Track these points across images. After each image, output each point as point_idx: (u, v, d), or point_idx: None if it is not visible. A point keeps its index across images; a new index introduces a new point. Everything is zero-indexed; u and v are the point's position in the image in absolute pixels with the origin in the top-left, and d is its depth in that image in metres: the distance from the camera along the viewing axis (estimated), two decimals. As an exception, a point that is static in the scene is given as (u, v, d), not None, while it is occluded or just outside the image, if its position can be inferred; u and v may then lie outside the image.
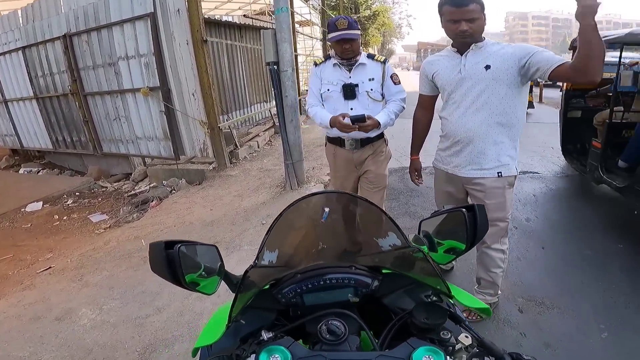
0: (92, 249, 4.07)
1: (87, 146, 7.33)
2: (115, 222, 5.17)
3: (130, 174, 7.01)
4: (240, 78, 7.73)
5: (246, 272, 0.86)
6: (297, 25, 16.27)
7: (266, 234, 0.94)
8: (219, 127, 5.37)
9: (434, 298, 0.85)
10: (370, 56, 2.34)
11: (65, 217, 5.71)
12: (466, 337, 0.70)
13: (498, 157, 1.86)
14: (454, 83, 1.86)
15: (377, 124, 2.14)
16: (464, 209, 0.86)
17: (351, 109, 2.28)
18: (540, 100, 12.19)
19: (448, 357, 0.63)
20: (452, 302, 0.87)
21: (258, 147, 6.96)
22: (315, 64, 2.44)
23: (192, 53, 5.09)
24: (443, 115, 1.99)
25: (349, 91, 2.27)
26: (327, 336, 0.70)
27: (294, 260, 1.00)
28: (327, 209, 1.03)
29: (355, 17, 11.45)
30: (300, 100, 9.51)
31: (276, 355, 0.65)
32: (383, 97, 2.34)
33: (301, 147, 4.40)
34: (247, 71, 7.92)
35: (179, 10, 5.06)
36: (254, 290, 0.84)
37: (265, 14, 13.99)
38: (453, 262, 2.61)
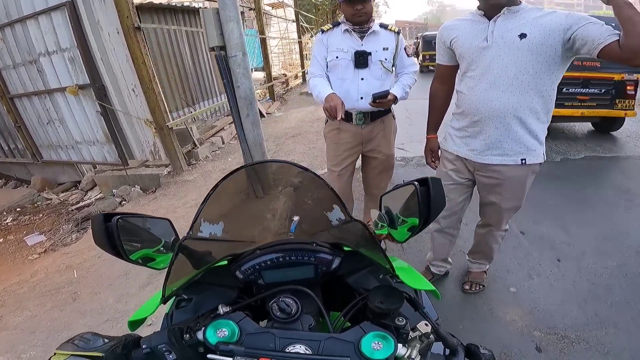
0: (17, 282, 3.49)
1: (25, 154, 6.45)
2: (52, 244, 4.44)
3: (80, 181, 6.19)
4: (204, 66, 7.12)
5: (180, 243, 0.81)
6: (269, 8, 15.64)
7: (202, 203, 0.87)
8: (168, 125, 4.56)
9: (392, 279, 0.83)
10: (383, 25, 2.18)
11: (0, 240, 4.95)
12: (425, 324, 0.67)
13: (525, 141, 1.65)
14: (476, 52, 1.61)
15: (395, 99, 2.07)
16: (416, 182, 0.79)
17: (362, 78, 2.13)
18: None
19: (400, 345, 0.62)
20: (407, 291, 0.77)
21: (223, 143, 6.15)
22: (322, 31, 2.24)
23: (125, 43, 4.25)
24: (460, 89, 1.75)
25: (361, 59, 2.10)
26: (278, 314, 0.69)
27: (248, 234, 0.96)
28: (295, 219, 0.99)
29: None
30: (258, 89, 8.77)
31: (224, 329, 0.64)
32: (394, 69, 2.22)
33: (263, 146, 3.66)
34: (212, 58, 7.21)
35: (103, -6, 4.21)
36: (205, 266, 0.79)
37: None
38: (447, 266, 2.45)
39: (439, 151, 2.05)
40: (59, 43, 4.86)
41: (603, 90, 4.80)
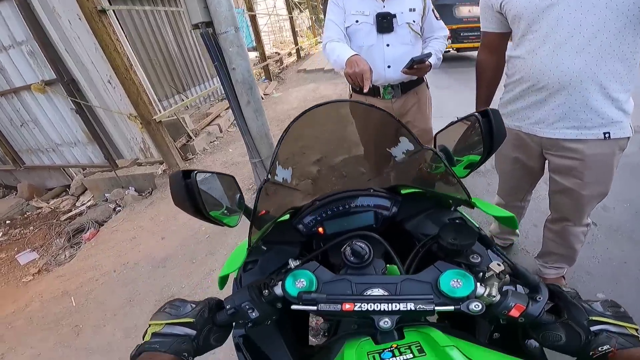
0: (12, 312, 3.15)
1: (6, 160, 5.91)
2: (46, 264, 4.05)
3: (69, 185, 5.72)
4: (190, 49, 6.57)
5: (260, 187, 0.81)
6: None
7: (276, 146, 0.88)
8: (156, 119, 3.97)
9: (458, 222, 0.80)
10: None
11: (-10, 259, 4.53)
12: (498, 264, 0.63)
13: (608, 111, 1.35)
14: (537, 10, 1.34)
15: (430, 66, 1.85)
16: (477, 114, 0.78)
17: (387, 45, 1.90)
18: None
19: (478, 284, 0.59)
20: (478, 227, 0.81)
21: (220, 131, 5.57)
22: None
23: (90, 30, 3.61)
24: (516, 54, 1.47)
25: (385, 22, 1.85)
26: (352, 258, 0.67)
27: (309, 183, 0.96)
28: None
29: None
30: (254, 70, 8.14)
31: (301, 280, 0.64)
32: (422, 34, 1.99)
33: (270, 136, 3.11)
34: (198, 38, 6.62)
35: (55, -22, 3.54)
36: (273, 218, 0.81)
37: None
38: (513, 238, 2.27)
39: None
40: (13, 36, 4.25)
41: None
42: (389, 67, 1.92)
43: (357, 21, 1.89)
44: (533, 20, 1.37)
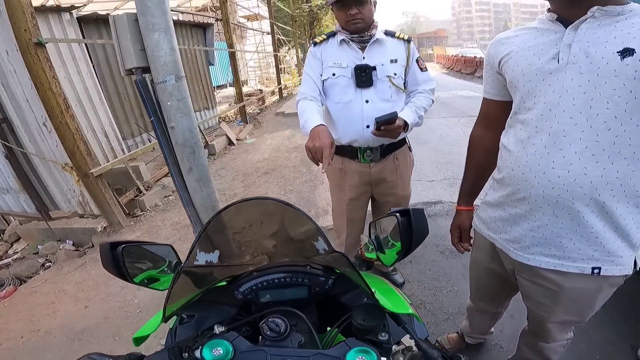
0: None
1: None
2: None
3: (4, 230, 4.98)
4: None
5: (177, 271, 0.85)
6: (244, 20, 14.94)
7: (197, 237, 0.92)
8: (93, 172, 3.36)
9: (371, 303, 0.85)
10: (389, 33, 1.77)
11: None
12: (410, 338, 0.71)
13: (604, 242, 0.99)
14: (537, 78, 1.00)
15: (405, 126, 1.59)
16: (397, 214, 0.83)
17: (366, 101, 1.69)
18: None
19: (384, 359, 0.65)
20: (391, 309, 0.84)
21: (179, 183, 4.97)
22: (315, 43, 1.83)
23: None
24: (505, 143, 1.14)
25: (364, 76, 1.66)
26: (268, 332, 0.73)
27: (243, 260, 1.01)
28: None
29: (307, 7, 10.13)
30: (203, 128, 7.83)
31: (219, 349, 0.68)
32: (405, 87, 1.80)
33: (218, 207, 2.53)
34: None
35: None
36: (205, 287, 0.85)
37: (207, 10, 12.28)
38: (485, 337, 1.94)
39: (471, 230, 1.44)
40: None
41: None
42: (367, 126, 1.70)
43: (334, 74, 1.72)
44: (529, 92, 1.03)
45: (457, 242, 1.49)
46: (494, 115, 1.27)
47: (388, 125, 1.53)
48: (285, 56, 17.96)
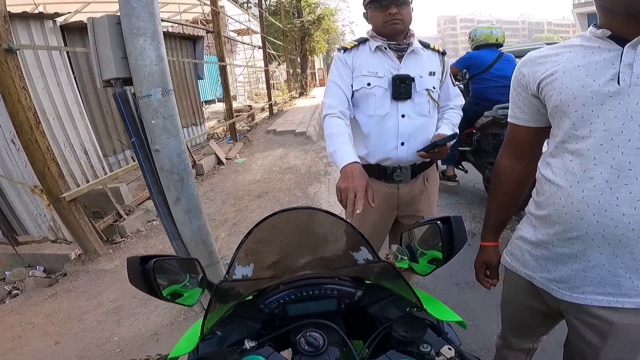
0: None
1: None
2: None
3: None
4: None
5: (216, 287, 0.89)
6: (234, 34, 14.88)
7: (236, 249, 0.94)
8: (65, 197, 2.98)
9: (416, 310, 0.86)
10: (424, 44, 1.65)
11: None
12: (449, 349, 0.71)
13: None
14: (593, 102, 0.91)
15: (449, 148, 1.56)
16: (439, 222, 0.83)
17: (402, 115, 1.58)
18: None
19: None
20: (432, 319, 0.84)
21: (164, 205, 4.60)
22: (344, 49, 1.65)
23: None
24: (548, 175, 1.06)
25: (402, 87, 1.54)
26: (306, 347, 0.72)
27: (275, 272, 1.00)
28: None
29: (298, 22, 10.02)
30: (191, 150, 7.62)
31: None
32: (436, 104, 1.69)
33: (210, 242, 2.19)
34: None
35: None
36: (233, 302, 0.86)
37: (198, 23, 12.21)
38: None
39: (500, 266, 1.35)
40: None
41: None
42: (402, 144, 1.59)
43: (368, 84, 1.58)
44: (583, 118, 0.94)
45: (484, 277, 1.40)
46: (525, 143, 1.19)
47: (442, 147, 1.50)
48: (275, 71, 17.92)
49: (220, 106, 13.91)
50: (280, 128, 8.91)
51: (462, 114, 1.79)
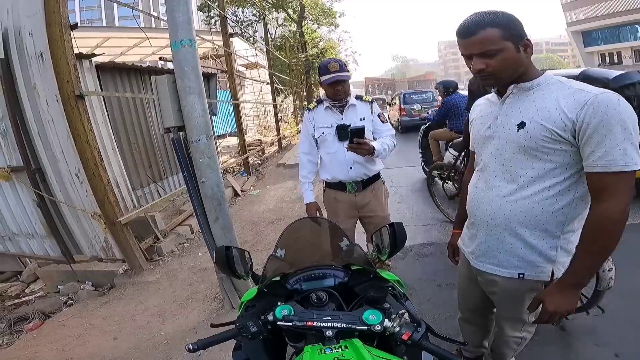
0: None
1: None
2: None
3: (21, 272, 5.14)
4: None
5: (270, 256, 1.32)
6: (242, 69, 15.52)
7: (280, 237, 1.40)
8: (120, 221, 3.69)
9: (384, 285, 1.24)
10: (358, 97, 2.44)
11: None
12: (402, 310, 1.05)
13: (524, 255, 1.35)
14: (480, 142, 1.43)
15: (372, 149, 2.16)
16: (387, 225, 1.32)
17: (347, 150, 2.24)
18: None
19: (386, 320, 0.99)
20: (404, 290, 1.34)
21: (192, 232, 5.20)
22: (308, 109, 2.52)
23: (64, 114, 3.43)
24: (469, 184, 1.59)
25: (343, 132, 2.29)
26: (315, 301, 1.10)
27: (294, 258, 1.38)
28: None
29: (303, 57, 10.62)
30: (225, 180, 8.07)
31: (285, 310, 1.03)
32: (374, 138, 2.39)
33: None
34: None
35: (41, 54, 3.40)
36: (270, 276, 1.25)
37: (208, 58, 12.66)
38: (483, 351, 2.06)
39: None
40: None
41: None
42: (350, 168, 2.35)
43: (323, 133, 2.36)
44: (478, 151, 1.46)
45: (452, 256, 1.86)
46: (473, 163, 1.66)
47: (359, 137, 2.09)
48: (282, 104, 18.29)
49: (231, 140, 14.23)
50: (290, 162, 9.47)
51: (394, 141, 2.42)
